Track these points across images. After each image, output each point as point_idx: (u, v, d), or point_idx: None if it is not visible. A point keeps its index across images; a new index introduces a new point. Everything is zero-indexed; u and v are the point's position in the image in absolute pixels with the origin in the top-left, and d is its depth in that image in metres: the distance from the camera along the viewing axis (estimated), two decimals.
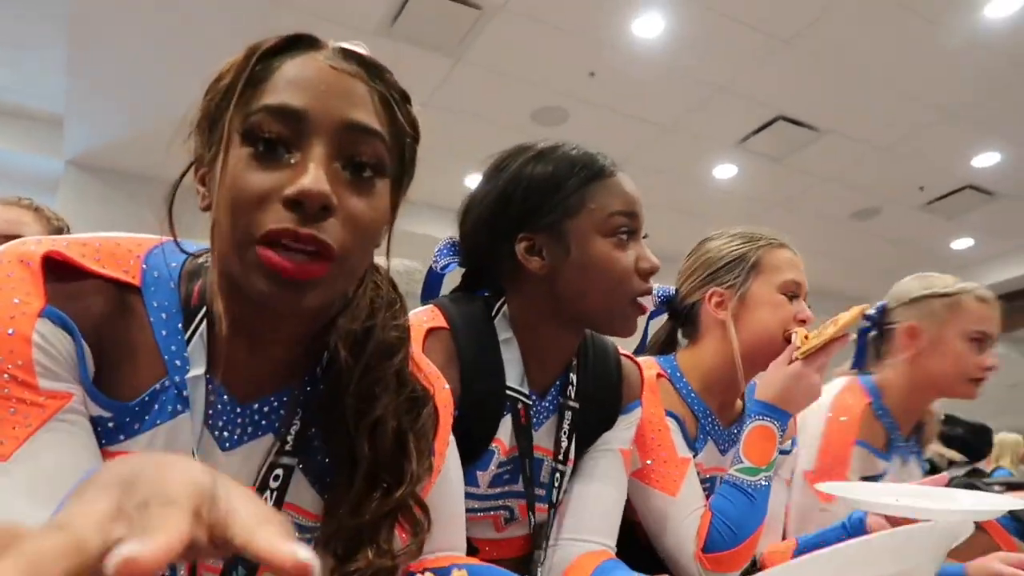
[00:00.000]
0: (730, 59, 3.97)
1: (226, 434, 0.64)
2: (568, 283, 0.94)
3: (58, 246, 0.58)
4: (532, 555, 1.00)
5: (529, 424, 0.97)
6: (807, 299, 1.26)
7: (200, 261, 0.65)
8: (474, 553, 0.96)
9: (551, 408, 1.01)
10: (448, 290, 1.07)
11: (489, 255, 1.00)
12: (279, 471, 0.65)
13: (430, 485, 0.73)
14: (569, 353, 1.02)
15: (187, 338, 0.62)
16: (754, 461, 1.14)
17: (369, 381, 0.65)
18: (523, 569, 0.98)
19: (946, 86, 4.19)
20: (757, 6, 3.55)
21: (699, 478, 1.19)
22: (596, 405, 1.04)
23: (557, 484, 1.00)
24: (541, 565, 1.00)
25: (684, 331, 1.36)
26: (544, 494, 1.01)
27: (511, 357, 0.97)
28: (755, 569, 1.21)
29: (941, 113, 4.47)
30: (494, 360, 0.95)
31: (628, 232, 0.95)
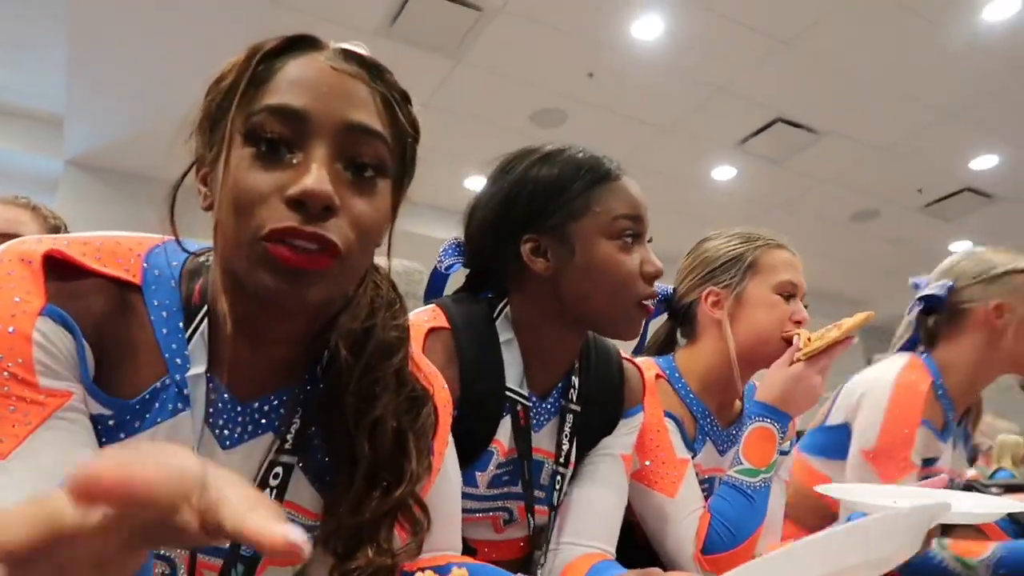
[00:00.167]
0: (729, 61, 3.97)
1: (226, 432, 0.64)
2: (572, 285, 0.94)
3: (59, 245, 0.58)
4: (531, 557, 1.00)
5: (528, 426, 0.97)
6: (805, 300, 1.26)
7: (201, 260, 0.65)
8: (472, 554, 0.96)
9: (552, 410, 1.01)
10: (451, 291, 1.07)
11: (494, 256, 1.00)
12: (279, 469, 0.65)
13: (429, 485, 0.73)
14: (571, 356, 1.02)
15: (188, 337, 0.62)
16: (754, 462, 1.14)
17: (369, 380, 0.65)
18: (522, 571, 0.98)
19: (945, 89, 4.20)
20: (756, 8, 3.56)
21: (698, 479, 1.19)
22: (598, 408, 1.04)
23: (557, 487, 1.00)
24: (541, 567, 1.00)
25: (682, 331, 1.36)
26: (544, 496, 1.01)
27: (511, 359, 0.97)
28: None
29: (940, 115, 4.48)
30: (494, 361, 0.95)
31: (633, 235, 0.95)
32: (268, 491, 0.65)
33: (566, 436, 1.00)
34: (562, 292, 0.95)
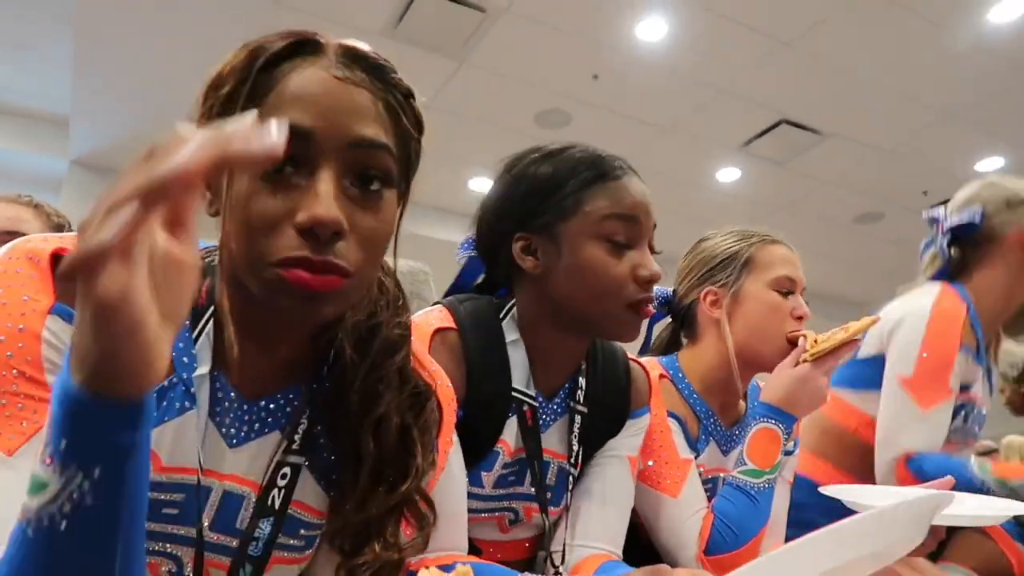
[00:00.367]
0: (733, 62, 3.97)
1: (233, 431, 0.64)
2: (558, 286, 0.93)
3: (66, 243, 0.58)
4: (537, 557, 1.00)
5: (536, 426, 0.97)
6: (805, 297, 1.25)
7: (207, 260, 0.65)
8: (478, 554, 0.96)
9: (559, 411, 1.01)
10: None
11: (494, 255, 1.00)
12: (286, 470, 0.65)
13: (434, 481, 0.73)
14: (576, 357, 1.02)
15: (194, 337, 0.62)
16: (758, 463, 1.13)
17: (374, 378, 0.66)
18: (528, 571, 0.98)
19: (950, 90, 4.19)
20: (760, 9, 3.56)
21: (701, 479, 1.18)
22: (604, 409, 1.03)
23: (569, 488, 1.00)
24: (556, 568, 0.99)
25: (684, 331, 1.36)
26: (551, 497, 1.01)
27: (518, 359, 0.97)
28: None
29: (944, 117, 4.47)
30: (501, 361, 0.95)
31: (627, 237, 0.93)
32: (276, 491, 0.65)
33: (575, 437, 1.00)
34: (550, 292, 0.94)
